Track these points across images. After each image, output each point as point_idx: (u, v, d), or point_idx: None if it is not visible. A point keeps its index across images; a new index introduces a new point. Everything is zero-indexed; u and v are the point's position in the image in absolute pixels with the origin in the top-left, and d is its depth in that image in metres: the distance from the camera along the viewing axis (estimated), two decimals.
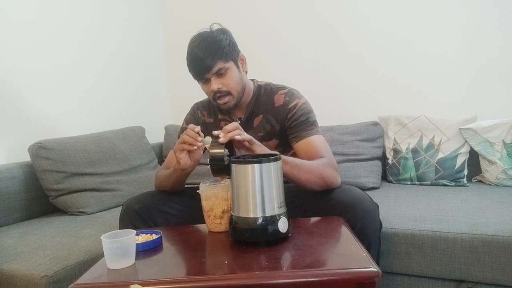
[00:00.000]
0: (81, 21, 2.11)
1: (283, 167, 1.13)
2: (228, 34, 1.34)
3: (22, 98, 1.83)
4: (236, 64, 1.33)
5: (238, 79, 1.33)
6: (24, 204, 1.71)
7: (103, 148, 1.91)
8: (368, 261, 0.85)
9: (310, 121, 1.34)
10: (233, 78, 1.31)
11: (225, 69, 1.29)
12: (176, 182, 1.30)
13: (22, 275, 1.18)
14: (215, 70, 1.28)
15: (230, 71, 1.30)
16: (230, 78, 1.31)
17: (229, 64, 1.30)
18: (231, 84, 1.31)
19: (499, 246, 1.23)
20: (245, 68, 1.39)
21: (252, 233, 0.97)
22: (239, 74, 1.34)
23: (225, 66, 1.29)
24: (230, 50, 1.30)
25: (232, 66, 1.31)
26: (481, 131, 1.82)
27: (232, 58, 1.31)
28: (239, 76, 1.34)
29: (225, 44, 1.29)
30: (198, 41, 1.28)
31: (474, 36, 1.96)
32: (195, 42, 1.29)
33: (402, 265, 1.37)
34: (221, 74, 1.29)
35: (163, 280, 0.85)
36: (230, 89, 1.31)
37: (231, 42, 1.32)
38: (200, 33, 1.32)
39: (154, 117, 2.56)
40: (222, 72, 1.29)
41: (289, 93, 1.38)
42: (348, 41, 2.20)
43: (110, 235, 0.93)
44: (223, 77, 1.30)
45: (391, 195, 1.75)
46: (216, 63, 1.27)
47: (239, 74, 1.34)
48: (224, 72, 1.29)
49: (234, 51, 1.32)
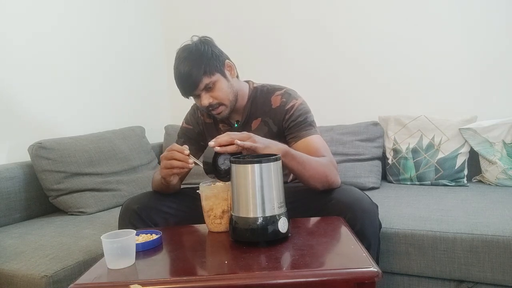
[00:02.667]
0: (81, 21, 2.11)
1: (290, 163, 1.14)
2: (210, 45, 1.31)
3: (22, 98, 1.83)
4: (223, 74, 1.31)
5: (227, 88, 1.32)
6: (24, 204, 1.71)
7: (103, 148, 1.91)
8: (368, 261, 0.85)
9: (308, 121, 1.33)
10: (222, 90, 1.30)
11: (212, 83, 1.28)
12: (166, 190, 1.30)
13: (22, 275, 1.18)
14: (202, 87, 1.27)
15: (218, 83, 1.29)
16: (219, 90, 1.29)
17: (215, 77, 1.28)
18: (221, 96, 1.30)
19: (499, 246, 1.23)
20: (233, 75, 1.37)
21: (252, 233, 0.97)
22: (228, 83, 1.32)
23: (211, 80, 1.27)
24: (214, 62, 1.28)
25: (219, 78, 1.29)
26: (481, 131, 1.82)
27: (218, 70, 1.29)
28: (229, 85, 1.32)
29: (208, 58, 1.27)
30: (181, 58, 1.27)
31: (474, 36, 1.96)
32: (179, 59, 1.28)
33: (402, 265, 1.37)
34: (210, 88, 1.28)
35: (163, 280, 0.85)
36: (221, 100, 1.31)
37: (214, 53, 1.30)
38: (183, 47, 1.30)
39: (154, 117, 2.56)
40: (210, 86, 1.28)
41: (285, 94, 1.37)
42: (348, 41, 2.20)
43: (110, 235, 0.93)
44: (212, 90, 1.29)
45: (391, 195, 1.75)
46: (202, 79, 1.26)
47: (228, 83, 1.32)
48: (212, 85, 1.28)
49: (218, 61, 1.30)
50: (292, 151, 1.16)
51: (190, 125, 1.47)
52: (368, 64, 2.17)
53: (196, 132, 1.46)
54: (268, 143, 1.12)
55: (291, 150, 1.16)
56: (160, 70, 2.63)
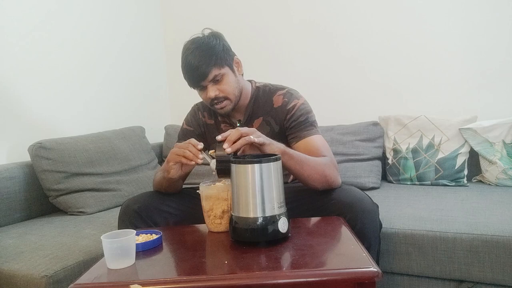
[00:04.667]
0: (81, 21, 2.11)
1: (287, 162, 1.14)
2: (221, 39, 1.32)
3: (22, 98, 1.83)
4: (231, 69, 1.32)
5: (234, 83, 1.32)
6: (24, 204, 1.71)
7: (103, 148, 1.91)
8: (368, 261, 0.85)
9: (310, 121, 1.34)
10: (229, 83, 1.30)
11: (221, 75, 1.28)
12: (168, 188, 1.31)
13: (22, 275, 1.18)
14: (211, 78, 1.27)
15: (226, 76, 1.29)
16: (226, 84, 1.30)
17: (224, 69, 1.29)
18: (228, 90, 1.30)
19: (499, 246, 1.23)
20: (240, 71, 1.37)
21: (252, 233, 0.97)
22: (235, 78, 1.33)
23: (220, 72, 1.28)
24: (224, 55, 1.29)
25: (227, 71, 1.30)
26: (481, 131, 1.82)
27: (227, 63, 1.30)
28: (235, 80, 1.33)
29: (219, 50, 1.28)
30: (191, 49, 1.27)
31: (474, 36, 1.96)
32: (188, 50, 1.28)
33: (402, 265, 1.37)
34: (217, 80, 1.28)
35: (163, 280, 0.85)
36: (227, 94, 1.31)
37: (225, 47, 1.31)
38: (193, 39, 1.30)
39: (154, 117, 2.56)
40: (218, 78, 1.28)
41: (287, 94, 1.38)
42: (348, 41, 2.20)
43: (110, 235, 0.93)
44: (220, 83, 1.29)
45: (391, 195, 1.75)
46: (211, 70, 1.26)
47: (235, 78, 1.33)
48: (220, 78, 1.28)
49: (228, 55, 1.31)
50: (290, 150, 1.17)
51: (190, 126, 1.47)
52: (368, 64, 2.17)
53: (197, 134, 1.45)
54: (269, 141, 1.13)
55: (288, 149, 1.16)
56: (160, 70, 2.64)
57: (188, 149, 1.12)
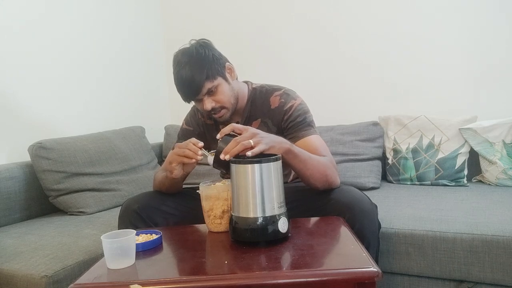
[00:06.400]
0: (81, 21, 2.11)
1: (292, 160, 1.14)
2: (210, 48, 1.30)
3: (22, 98, 1.83)
4: (224, 78, 1.31)
5: (229, 92, 1.32)
6: (24, 204, 1.71)
7: (103, 148, 1.91)
8: (368, 261, 0.85)
9: (307, 121, 1.33)
10: (224, 93, 1.30)
11: (214, 87, 1.28)
12: (169, 188, 1.31)
13: (22, 275, 1.18)
14: (204, 92, 1.27)
15: (220, 87, 1.29)
16: (221, 94, 1.29)
17: (217, 81, 1.28)
18: (224, 99, 1.30)
19: (499, 246, 1.23)
20: (234, 77, 1.36)
21: (252, 233, 0.97)
22: (229, 86, 1.32)
23: (214, 84, 1.27)
24: (215, 66, 1.28)
25: (221, 82, 1.29)
26: (481, 131, 1.82)
27: (219, 73, 1.29)
28: (230, 88, 1.32)
29: (209, 62, 1.26)
30: (182, 63, 1.26)
31: (475, 36, 1.96)
32: (180, 65, 1.26)
33: (402, 265, 1.37)
34: (212, 92, 1.28)
35: (163, 280, 0.85)
36: (224, 103, 1.31)
37: (215, 56, 1.29)
38: (182, 51, 1.29)
39: (154, 117, 2.56)
40: (212, 90, 1.28)
41: (284, 94, 1.37)
42: (348, 42, 2.20)
43: (110, 235, 0.93)
44: (214, 94, 1.29)
45: (391, 195, 1.75)
46: (204, 84, 1.25)
47: (229, 86, 1.32)
48: (214, 89, 1.28)
49: (219, 65, 1.29)
50: (296, 149, 1.15)
51: (190, 126, 1.47)
52: (368, 64, 2.17)
53: (197, 133, 1.45)
54: (272, 143, 1.08)
55: (294, 148, 1.15)
56: (160, 70, 2.63)
57: (187, 147, 1.12)
